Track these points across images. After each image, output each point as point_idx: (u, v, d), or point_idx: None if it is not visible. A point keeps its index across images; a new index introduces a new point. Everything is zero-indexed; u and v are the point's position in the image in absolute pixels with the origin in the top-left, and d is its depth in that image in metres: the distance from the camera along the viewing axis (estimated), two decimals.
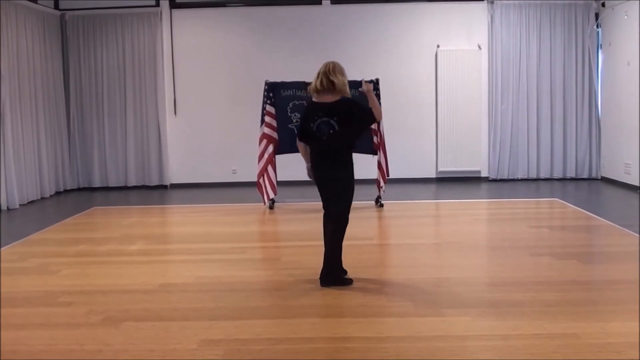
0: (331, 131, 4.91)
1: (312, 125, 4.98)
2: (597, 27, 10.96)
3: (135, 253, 6.44)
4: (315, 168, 5.08)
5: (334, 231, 5.03)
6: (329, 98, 4.93)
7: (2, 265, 5.90)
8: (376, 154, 8.76)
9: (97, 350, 3.85)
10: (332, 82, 4.89)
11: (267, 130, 8.63)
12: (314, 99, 5.06)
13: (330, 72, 4.91)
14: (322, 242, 5.15)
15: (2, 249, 6.62)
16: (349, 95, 5.04)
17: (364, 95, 5.18)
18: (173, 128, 11.19)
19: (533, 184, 10.85)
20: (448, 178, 11.12)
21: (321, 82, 4.92)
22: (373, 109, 5.00)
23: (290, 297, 4.81)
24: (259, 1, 11.09)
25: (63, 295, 4.96)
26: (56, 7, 10.97)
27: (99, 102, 11.08)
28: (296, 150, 7.46)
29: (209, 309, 4.59)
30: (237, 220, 8.19)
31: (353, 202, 5.12)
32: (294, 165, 8.42)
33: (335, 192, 5.02)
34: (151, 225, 8.19)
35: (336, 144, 4.95)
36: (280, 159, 8.90)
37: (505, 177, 11.10)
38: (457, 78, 10.90)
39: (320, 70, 4.99)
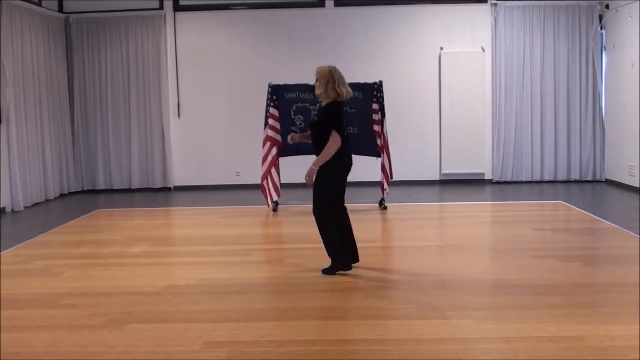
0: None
1: (344, 123, 5.33)
2: (601, 28, 10.95)
3: (139, 255, 6.45)
4: (346, 163, 5.33)
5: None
6: None
7: (6, 268, 5.92)
8: (380, 156, 8.75)
9: (100, 352, 3.85)
10: None
11: (270, 132, 8.64)
12: (338, 100, 5.29)
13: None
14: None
15: (6, 251, 6.63)
16: None
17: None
18: (177, 130, 11.21)
19: (537, 186, 10.83)
20: (452, 180, 11.11)
21: (348, 93, 5.31)
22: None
23: (294, 300, 4.81)
24: (263, 4, 11.12)
25: (66, 297, 4.97)
26: (60, 10, 11.01)
27: (102, 104, 11.10)
28: (300, 153, 7.45)
29: (212, 311, 4.59)
30: (241, 223, 8.19)
31: (357, 204, 5.34)
32: (297, 168, 8.43)
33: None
34: (155, 227, 8.19)
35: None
36: (284, 161, 8.90)
37: (509, 179, 11.09)
38: (460, 80, 10.89)
39: (342, 76, 5.29)
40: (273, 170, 8.67)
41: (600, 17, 10.90)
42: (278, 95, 8.72)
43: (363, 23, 11.00)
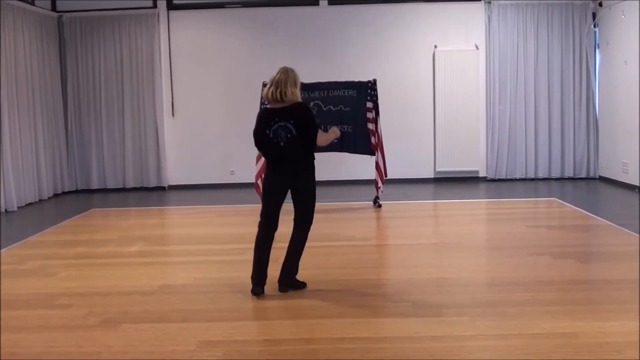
0: (289, 135, 4.78)
1: (268, 131, 4.81)
2: (595, 26, 10.98)
3: (134, 255, 6.44)
4: (274, 173, 4.94)
5: (301, 238, 5.01)
6: (281, 104, 4.84)
7: (1, 268, 5.90)
8: (374, 154, 8.75)
9: (95, 352, 3.85)
10: (283, 94, 4.78)
11: None
12: (267, 106, 4.97)
13: (282, 84, 4.80)
14: (319, 244, 5.11)
15: (0, 251, 6.60)
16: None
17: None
18: (171, 129, 11.19)
19: (531, 183, 10.86)
20: (446, 178, 11.12)
21: (272, 93, 4.81)
22: (319, 135, 4.89)
23: (289, 298, 4.81)
24: (256, 2, 11.11)
25: (62, 297, 4.96)
26: (53, 9, 10.97)
27: (96, 103, 11.07)
28: None
29: (207, 310, 4.59)
30: (236, 222, 8.18)
31: (351, 202, 5.14)
32: None
33: (305, 197, 4.94)
34: (150, 226, 8.18)
35: (296, 147, 4.81)
36: None
37: (504, 177, 11.11)
38: (454, 78, 10.90)
39: (274, 78, 4.83)
40: None
41: (594, 15, 10.93)
42: None
43: (357, 21, 10.99)
